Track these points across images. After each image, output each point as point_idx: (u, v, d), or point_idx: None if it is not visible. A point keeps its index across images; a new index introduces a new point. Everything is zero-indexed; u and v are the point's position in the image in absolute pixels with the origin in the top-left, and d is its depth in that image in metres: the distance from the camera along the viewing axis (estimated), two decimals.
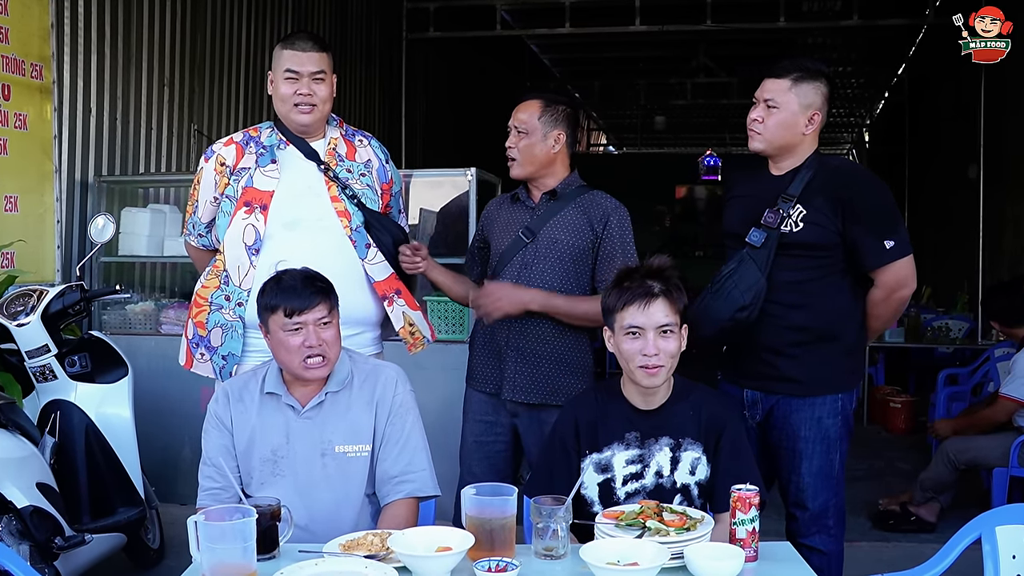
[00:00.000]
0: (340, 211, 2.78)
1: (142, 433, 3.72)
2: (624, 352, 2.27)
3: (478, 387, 3.02)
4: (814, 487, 2.76)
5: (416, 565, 1.89)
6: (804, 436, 2.75)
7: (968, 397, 6.18)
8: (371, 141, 2.97)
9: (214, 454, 2.34)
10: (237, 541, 1.81)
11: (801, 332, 2.72)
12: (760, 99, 2.73)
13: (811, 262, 2.70)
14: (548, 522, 1.97)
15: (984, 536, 2.18)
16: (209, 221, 2.90)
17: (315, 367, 2.29)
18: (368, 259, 2.80)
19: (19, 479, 2.98)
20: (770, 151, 2.77)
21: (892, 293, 2.74)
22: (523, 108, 2.96)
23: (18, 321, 3.39)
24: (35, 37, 4.60)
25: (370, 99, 9.13)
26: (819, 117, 2.73)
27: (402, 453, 2.36)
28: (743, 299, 2.65)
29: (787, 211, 2.68)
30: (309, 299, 2.28)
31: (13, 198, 4.50)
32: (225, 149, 2.84)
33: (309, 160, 2.82)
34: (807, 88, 2.71)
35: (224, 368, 2.75)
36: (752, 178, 2.88)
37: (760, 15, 9.32)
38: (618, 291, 2.30)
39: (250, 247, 2.74)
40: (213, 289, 2.78)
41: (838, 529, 2.82)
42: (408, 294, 2.90)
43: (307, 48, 2.75)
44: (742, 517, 1.99)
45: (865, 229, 2.67)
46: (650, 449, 2.29)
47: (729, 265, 2.70)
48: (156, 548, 3.91)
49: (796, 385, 2.74)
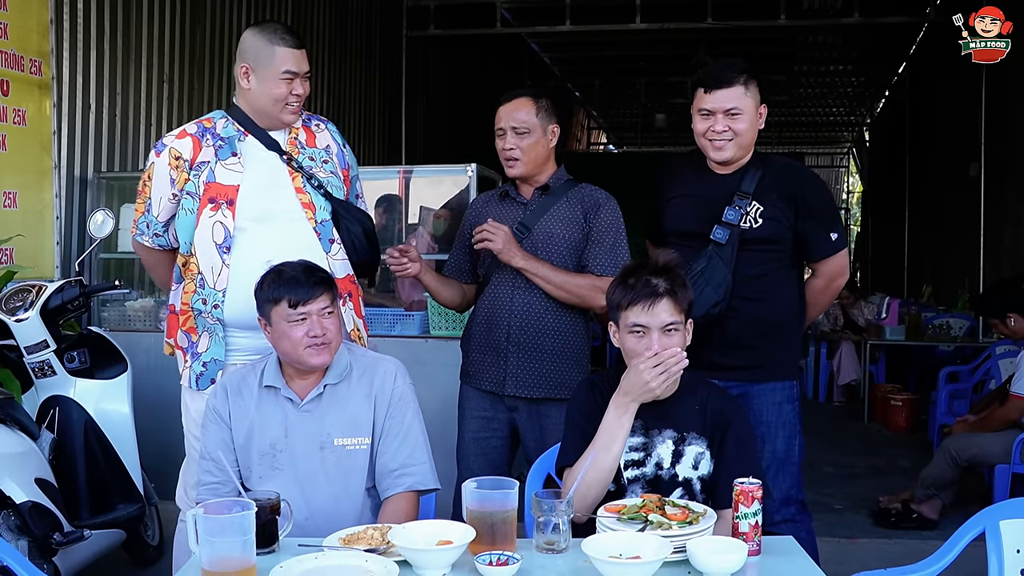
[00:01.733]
0: (305, 203, 2.69)
1: (142, 430, 3.71)
2: (629, 350, 2.27)
3: (475, 384, 3.01)
4: (775, 471, 2.81)
5: (417, 559, 1.88)
6: (766, 420, 2.83)
7: (969, 395, 6.18)
8: (327, 125, 2.86)
9: (212, 448, 2.33)
10: (236, 535, 1.79)
11: (762, 324, 2.81)
12: (717, 111, 2.75)
13: (768, 256, 2.81)
14: (549, 516, 1.96)
15: (988, 531, 2.17)
16: (167, 219, 2.75)
17: (318, 353, 2.29)
18: (331, 254, 2.72)
19: (18, 475, 2.97)
20: (740, 155, 2.82)
21: (831, 282, 2.93)
22: (518, 107, 2.94)
23: (17, 317, 3.38)
24: (34, 33, 4.59)
25: (370, 96, 9.12)
26: (765, 110, 2.83)
27: (402, 446, 2.34)
28: (715, 296, 2.73)
29: (745, 208, 2.78)
30: (312, 289, 2.28)
31: (12, 194, 4.49)
32: (179, 142, 2.69)
33: (271, 151, 2.71)
34: (753, 87, 2.78)
35: (203, 375, 2.67)
36: (694, 179, 2.90)
37: (761, 13, 9.32)
38: (623, 288, 2.28)
39: (220, 245, 2.63)
40: (191, 294, 2.67)
41: (803, 516, 2.86)
42: (356, 300, 2.81)
43: (298, 45, 2.67)
44: (745, 511, 1.98)
45: (815, 222, 2.83)
46: (653, 439, 2.28)
47: (698, 264, 2.75)
48: (155, 545, 3.90)
49: (758, 371, 2.82)
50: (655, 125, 15.64)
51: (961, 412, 5.66)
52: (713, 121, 2.76)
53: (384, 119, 9.36)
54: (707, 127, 2.78)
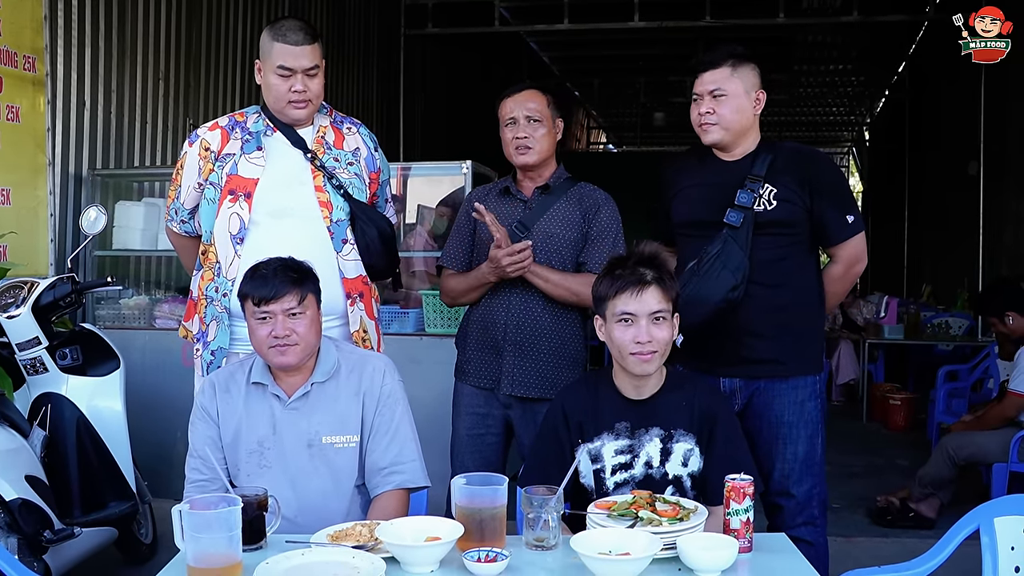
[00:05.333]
0: (322, 202, 2.73)
1: (135, 428, 3.69)
2: (616, 340, 2.24)
3: (471, 382, 3.00)
4: (799, 473, 2.75)
5: (404, 555, 1.86)
6: (788, 421, 2.75)
7: (968, 394, 6.16)
8: (360, 128, 2.92)
9: (200, 445, 2.32)
10: (222, 530, 1.77)
11: (781, 312, 2.73)
12: (704, 93, 2.74)
13: (785, 240, 2.74)
14: (539, 512, 1.94)
15: (983, 527, 2.15)
16: (192, 207, 2.85)
17: (281, 354, 2.25)
18: (342, 254, 2.74)
19: (8, 472, 2.96)
20: (727, 139, 2.77)
21: (850, 268, 2.82)
22: (529, 98, 2.93)
23: (8, 313, 3.37)
24: (28, 29, 4.58)
25: (368, 94, 9.11)
26: (763, 96, 2.77)
27: (391, 444, 2.33)
28: (733, 279, 2.66)
29: (758, 190, 2.71)
30: (277, 288, 2.24)
31: (6, 191, 4.48)
32: (210, 134, 2.77)
33: (296, 148, 2.76)
34: (745, 71, 2.73)
35: (212, 364, 2.71)
36: (701, 169, 2.86)
37: (760, 12, 9.30)
38: (610, 279, 2.27)
39: (235, 236, 2.69)
40: (208, 281, 2.75)
41: (823, 519, 2.82)
42: (369, 301, 2.82)
43: (299, 41, 2.65)
44: (736, 507, 1.96)
45: (830, 203, 2.75)
46: (640, 440, 2.26)
47: (713, 247, 2.69)
48: (148, 543, 3.88)
49: (779, 367, 2.75)
50: (654, 124, 15.64)
51: (960, 411, 5.66)
52: (701, 103, 2.75)
53: (382, 117, 9.34)
54: (696, 110, 2.77)
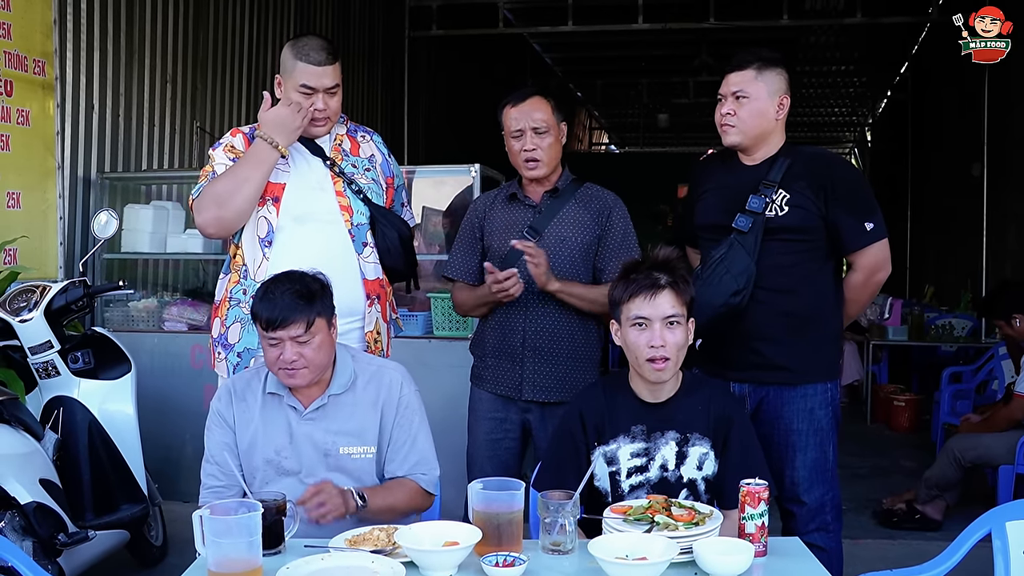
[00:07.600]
0: (344, 206, 2.78)
1: (146, 431, 3.71)
2: (631, 344, 2.26)
3: (490, 388, 2.99)
4: (809, 480, 2.75)
5: (423, 560, 1.88)
6: (797, 429, 2.74)
7: (972, 395, 6.17)
8: (373, 136, 2.99)
9: (218, 451, 2.33)
10: (242, 536, 1.79)
11: (791, 318, 2.72)
12: (727, 94, 2.76)
13: (797, 246, 2.72)
14: (556, 517, 1.95)
15: (994, 531, 2.16)
16: None
17: (289, 377, 2.27)
18: (363, 256, 2.79)
19: (22, 475, 2.97)
20: (746, 142, 2.78)
21: (871, 276, 2.78)
22: (535, 107, 2.90)
23: (21, 317, 3.38)
24: (38, 33, 4.59)
25: (373, 96, 9.12)
26: (787, 101, 2.77)
27: (410, 453, 2.37)
28: (736, 284, 2.65)
29: (771, 196, 2.71)
30: (285, 316, 2.21)
31: (16, 194, 4.49)
32: (232, 139, 2.83)
33: (315, 156, 2.82)
34: (771, 75, 2.74)
35: (239, 365, 2.73)
36: (723, 171, 2.88)
37: (763, 13, 9.31)
38: (624, 283, 2.29)
39: (263, 240, 2.75)
40: (234, 284, 2.79)
41: (836, 525, 2.82)
42: (384, 304, 2.86)
43: (322, 61, 2.71)
44: (751, 512, 1.97)
45: (846, 210, 2.71)
46: (656, 443, 2.28)
47: (718, 251, 2.70)
48: (159, 545, 3.90)
49: (788, 374, 2.74)
50: (657, 125, 15.61)
51: (964, 412, 5.65)
52: (724, 104, 2.76)
53: (387, 119, 9.36)
54: (718, 110, 2.79)
